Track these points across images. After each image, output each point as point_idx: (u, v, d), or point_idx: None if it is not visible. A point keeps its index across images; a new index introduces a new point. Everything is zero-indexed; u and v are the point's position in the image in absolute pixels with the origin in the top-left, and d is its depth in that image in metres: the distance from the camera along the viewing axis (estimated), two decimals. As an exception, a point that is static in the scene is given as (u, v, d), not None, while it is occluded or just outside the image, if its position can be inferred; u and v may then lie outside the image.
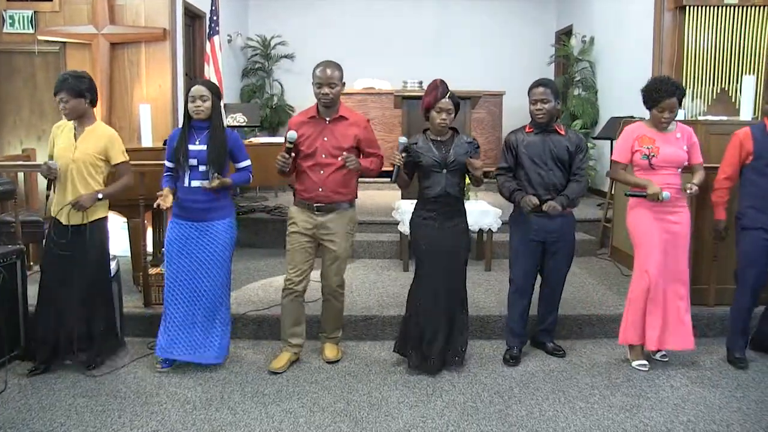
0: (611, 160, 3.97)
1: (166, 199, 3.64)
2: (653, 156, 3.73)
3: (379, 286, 4.97)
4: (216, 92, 3.72)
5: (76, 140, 3.68)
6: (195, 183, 3.67)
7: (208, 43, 7.20)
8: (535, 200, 3.71)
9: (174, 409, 3.30)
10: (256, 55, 10.13)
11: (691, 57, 6.70)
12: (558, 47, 9.63)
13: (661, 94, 3.66)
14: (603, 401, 3.43)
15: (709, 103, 6.68)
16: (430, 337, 3.73)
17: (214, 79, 7.12)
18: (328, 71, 3.66)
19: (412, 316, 3.79)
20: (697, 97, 6.71)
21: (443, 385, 3.60)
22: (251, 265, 5.55)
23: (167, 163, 3.78)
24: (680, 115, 5.74)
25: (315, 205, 3.72)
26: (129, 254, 4.91)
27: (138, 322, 4.28)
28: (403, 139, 3.72)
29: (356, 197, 3.91)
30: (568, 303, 4.55)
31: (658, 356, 3.94)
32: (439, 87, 3.64)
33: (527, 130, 3.88)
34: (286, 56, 10.10)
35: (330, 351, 3.95)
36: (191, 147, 3.66)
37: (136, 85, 6.66)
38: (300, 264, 3.76)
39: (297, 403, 3.39)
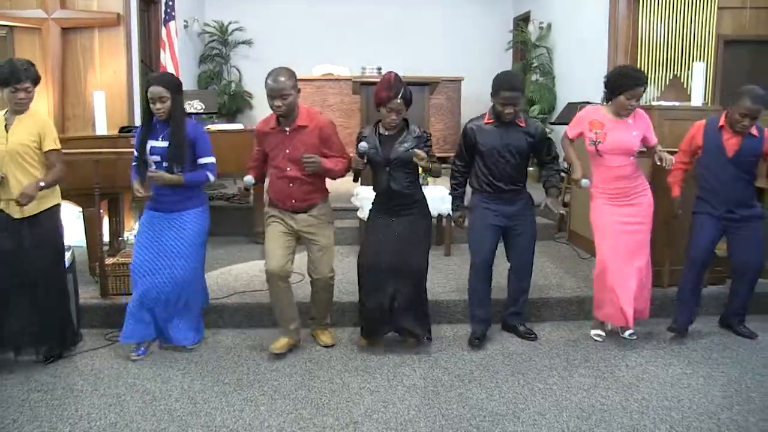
0: (565, 132, 4.08)
1: (140, 191, 3.65)
2: (599, 142, 3.82)
3: (339, 273, 4.91)
4: (176, 88, 3.63)
5: (7, 131, 3.53)
6: None
7: (163, 28, 7.07)
8: (460, 226, 4.02)
9: (133, 401, 3.26)
10: (214, 41, 9.97)
11: (645, 44, 6.84)
12: (516, 33, 9.73)
13: (634, 81, 3.73)
14: (561, 382, 3.51)
15: (663, 89, 6.83)
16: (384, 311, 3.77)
17: (170, 66, 7.01)
18: (281, 80, 3.50)
19: (364, 302, 3.84)
20: (651, 83, 6.84)
21: (404, 370, 3.63)
22: (210, 254, 5.44)
23: (136, 153, 3.75)
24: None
25: (290, 209, 3.72)
26: (85, 244, 4.81)
27: (95, 313, 4.21)
28: (363, 146, 3.68)
29: (328, 193, 3.89)
30: (526, 286, 4.63)
31: (626, 334, 4.05)
32: (392, 87, 3.58)
33: (486, 121, 3.89)
34: (243, 42, 9.98)
35: (327, 337, 3.98)
36: (155, 143, 3.64)
37: (90, 72, 6.48)
38: (279, 251, 3.68)
39: (258, 390, 3.38)
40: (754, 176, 4.01)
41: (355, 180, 3.96)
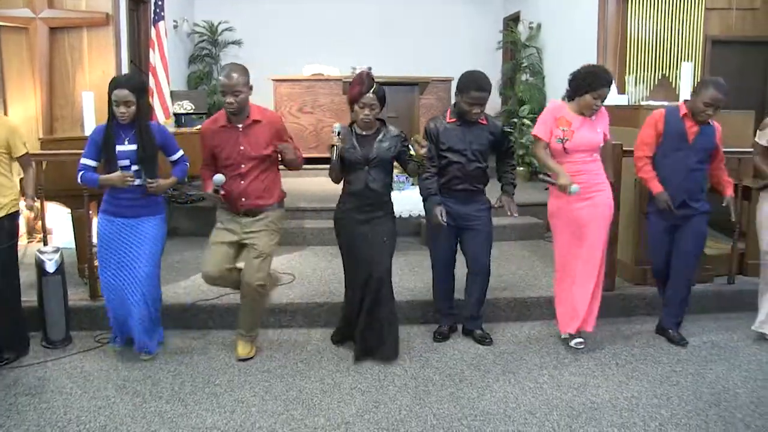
0: (533, 135, 3.92)
1: (129, 178, 3.55)
2: (566, 140, 3.74)
3: (329, 273, 4.96)
4: (141, 92, 3.56)
5: None
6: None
7: (153, 28, 7.04)
8: (440, 220, 3.76)
9: (123, 403, 3.25)
10: (203, 41, 9.94)
11: (634, 44, 6.89)
12: (505, 33, 9.75)
13: (602, 81, 3.68)
14: (552, 381, 3.52)
15: (651, 89, 6.87)
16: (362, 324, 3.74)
17: (160, 66, 6.98)
18: (234, 76, 3.46)
19: (346, 305, 3.89)
20: (639, 82, 6.89)
21: (395, 370, 3.64)
22: (200, 255, 5.44)
23: (88, 161, 3.61)
24: (624, 100, 5.91)
25: (241, 210, 3.67)
26: (73, 246, 4.78)
27: (84, 315, 4.18)
28: (337, 125, 3.64)
29: (285, 196, 3.84)
30: (516, 286, 4.64)
31: (573, 343, 3.95)
32: (364, 82, 3.56)
33: (448, 120, 3.85)
34: (233, 42, 9.94)
35: (242, 348, 3.78)
36: (120, 147, 3.55)
37: (78, 72, 6.45)
38: (214, 262, 3.66)
39: (249, 392, 3.38)
40: (707, 170, 3.97)
41: (337, 181, 3.79)
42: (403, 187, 5.47)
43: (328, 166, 3.75)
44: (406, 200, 4.72)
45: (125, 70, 6.74)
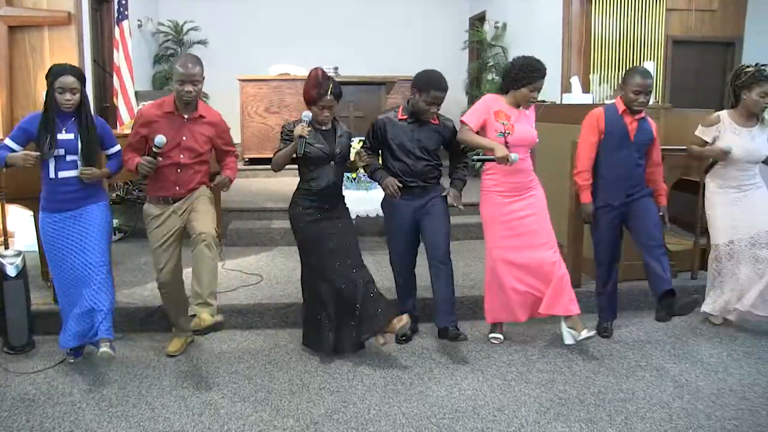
0: (461, 121, 3.80)
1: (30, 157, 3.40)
2: (508, 134, 3.71)
3: (296, 274, 4.87)
4: (84, 80, 3.51)
5: None
6: (63, 174, 3.48)
7: (116, 28, 6.94)
8: (394, 184, 3.72)
9: (89, 408, 3.19)
10: (168, 41, 9.83)
11: (598, 43, 7.00)
12: (471, 33, 9.82)
13: (539, 73, 3.70)
14: (520, 377, 3.55)
15: (615, 88, 6.99)
16: (342, 317, 3.70)
17: (124, 66, 6.89)
18: (190, 66, 3.49)
19: (313, 303, 3.79)
20: (603, 81, 7.00)
21: (364, 369, 3.64)
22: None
23: (10, 143, 3.46)
24: (588, 99, 5.99)
25: (171, 197, 3.63)
26: (36, 249, 4.68)
27: (48, 320, 4.08)
28: (307, 114, 3.58)
29: (209, 184, 3.79)
30: (483, 283, 4.66)
31: (490, 336, 4.04)
32: (322, 84, 3.54)
33: (400, 117, 3.84)
34: (199, 42, 9.84)
35: (206, 315, 3.35)
36: (58, 136, 3.46)
37: (40, 72, 6.28)
38: (167, 261, 3.65)
39: (217, 394, 3.35)
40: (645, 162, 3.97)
41: (279, 169, 3.71)
42: (370, 187, 5.47)
43: (295, 166, 3.72)
44: (373, 200, 4.71)
45: (88, 70, 6.64)
